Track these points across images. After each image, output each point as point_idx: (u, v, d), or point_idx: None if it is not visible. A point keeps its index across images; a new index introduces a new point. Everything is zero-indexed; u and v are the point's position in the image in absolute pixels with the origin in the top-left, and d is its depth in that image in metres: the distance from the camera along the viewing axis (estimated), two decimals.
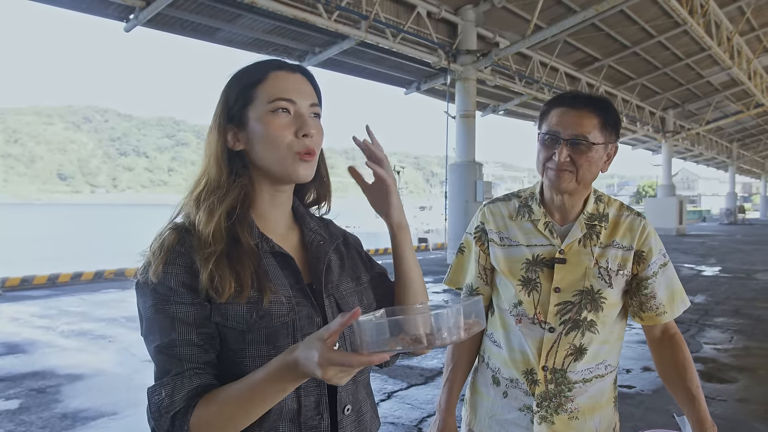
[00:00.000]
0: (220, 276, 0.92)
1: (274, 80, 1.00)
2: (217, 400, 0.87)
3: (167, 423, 0.87)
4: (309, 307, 0.99)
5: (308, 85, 1.04)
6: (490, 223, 1.59)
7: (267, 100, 0.99)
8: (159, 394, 0.88)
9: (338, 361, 0.75)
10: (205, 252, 0.94)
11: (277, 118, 0.98)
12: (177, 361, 0.90)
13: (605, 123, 1.42)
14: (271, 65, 1.03)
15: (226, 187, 0.99)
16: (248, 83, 1.01)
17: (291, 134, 0.98)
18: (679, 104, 23.35)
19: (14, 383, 4.77)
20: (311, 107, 1.02)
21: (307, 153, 0.99)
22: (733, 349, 5.87)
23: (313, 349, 0.77)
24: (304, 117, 1.00)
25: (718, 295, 9.19)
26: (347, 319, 0.75)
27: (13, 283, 10.17)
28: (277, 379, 0.83)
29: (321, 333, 0.78)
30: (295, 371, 0.80)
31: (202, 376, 0.90)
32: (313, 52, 11.57)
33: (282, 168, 0.99)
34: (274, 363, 0.84)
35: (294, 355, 0.80)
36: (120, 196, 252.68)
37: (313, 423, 0.97)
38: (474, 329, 0.80)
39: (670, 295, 1.52)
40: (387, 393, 4.47)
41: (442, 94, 14.06)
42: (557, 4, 12.07)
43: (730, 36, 15.66)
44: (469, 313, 0.81)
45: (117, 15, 9.16)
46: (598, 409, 1.49)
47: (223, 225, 0.97)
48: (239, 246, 0.97)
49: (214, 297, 0.92)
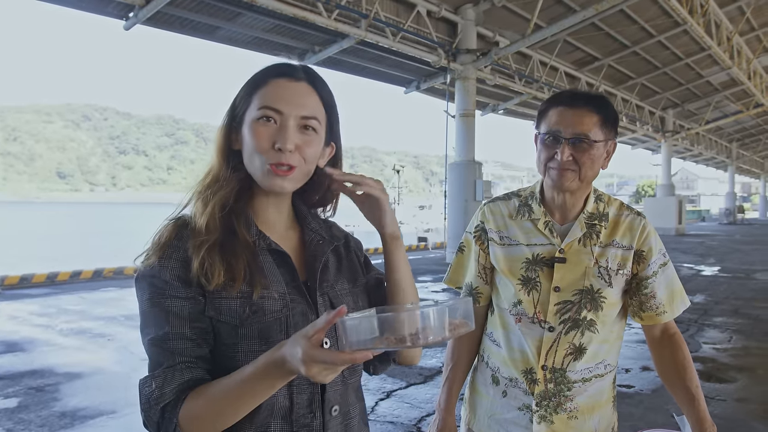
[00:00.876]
0: (210, 263, 0.93)
1: (271, 87, 0.99)
2: (206, 394, 0.88)
3: (157, 414, 0.88)
4: (303, 304, 1.00)
5: (310, 96, 1.01)
6: (490, 222, 1.59)
7: (258, 106, 0.98)
8: (150, 386, 0.89)
9: (321, 358, 0.75)
10: (197, 240, 0.95)
11: (261, 127, 0.97)
12: (169, 354, 0.91)
13: (605, 120, 1.42)
14: (275, 71, 1.01)
15: (223, 180, 1.00)
16: (252, 87, 1.00)
17: (269, 145, 0.96)
18: (679, 104, 23.36)
19: (13, 382, 4.77)
20: (303, 119, 0.99)
21: (281, 167, 0.96)
22: (732, 349, 5.88)
23: (297, 345, 0.77)
24: (287, 129, 0.96)
25: (717, 295, 9.20)
26: (332, 317, 0.75)
27: (12, 281, 10.16)
28: (265, 376, 0.83)
29: (307, 330, 0.78)
30: (282, 368, 0.81)
31: (194, 370, 0.91)
32: (312, 51, 11.57)
33: (258, 176, 0.99)
34: (262, 359, 0.84)
35: (281, 351, 0.81)
36: (119, 194, 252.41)
37: (305, 421, 0.97)
38: (460, 330, 0.79)
39: (670, 295, 1.52)
40: (386, 392, 4.47)
41: (441, 93, 14.06)
42: (557, 4, 12.07)
43: (730, 36, 15.67)
44: (456, 313, 0.80)
45: (117, 13, 9.15)
46: (597, 408, 1.49)
47: (217, 215, 0.97)
48: (235, 238, 0.97)
49: (204, 284, 0.92)
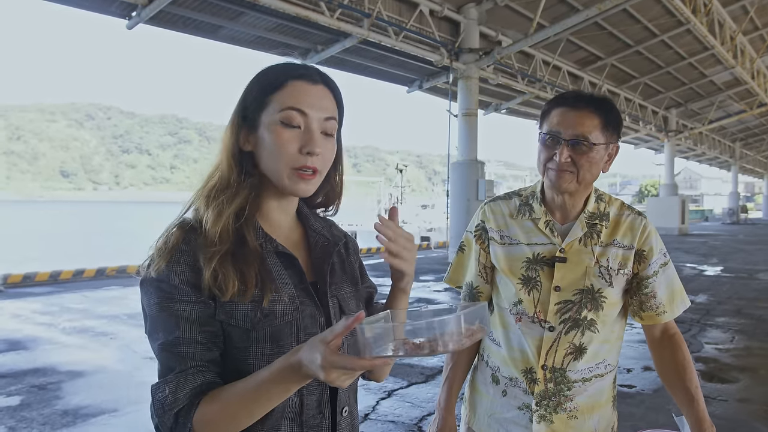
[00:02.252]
0: (224, 274, 0.92)
1: (291, 89, 0.97)
2: (220, 399, 0.87)
3: (171, 420, 0.87)
4: (312, 307, 0.99)
5: (328, 99, 1.01)
6: (490, 221, 1.59)
7: (279, 108, 0.96)
8: (163, 391, 0.88)
9: (341, 364, 0.75)
10: (210, 251, 0.93)
11: (285, 131, 0.96)
12: (181, 359, 0.90)
13: (606, 123, 1.41)
14: (293, 73, 0.99)
15: (236, 186, 0.98)
16: (267, 87, 0.98)
17: (295, 149, 0.96)
18: (682, 103, 23.29)
19: (15, 380, 4.78)
20: (325, 122, 0.99)
21: (306, 170, 0.97)
22: (735, 349, 5.87)
23: (316, 351, 0.77)
24: (313, 133, 0.96)
25: (720, 295, 9.18)
26: (351, 323, 0.75)
27: (15, 279, 10.19)
28: (280, 380, 0.83)
29: (325, 335, 0.78)
30: (298, 372, 0.81)
31: (206, 374, 0.90)
32: (315, 50, 11.56)
33: (280, 180, 0.98)
34: (277, 363, 0.84)
35: (298, 356, 0.80)
36: (122, 193, 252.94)
37: (314, 422, 0.97)
38: (477, 336, 0.79)
39: (671, 295, 1.52)
40: (387, 391, 4.47)
41: (444, 93, 14.04)
42: (560, 3, 12.04)
43: (734, 35, 15.62)
44: (473, 319, 0.80)
45: (120, 12, 9.16)
46: (597, 408, 1.49)
47: (231, 226, 0.96)
48: (245, 246, 0.96)
49: (217, 295, 0.92)
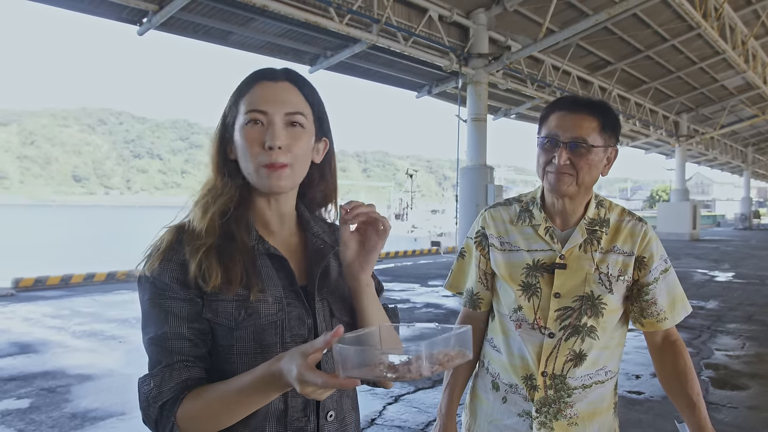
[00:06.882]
0: (208, 265, 0.95)
1: (254, 91, 1.01)
2: (204, 397, 0.90)
3: (155, 412, 0.90)
4: (300, 309, 1.01)
5: (293, 93, 1.03)
6: (490, 227, 1.59)
7: (245, 111, 1.00)
8: (148, 384, 0.92)
9: (313, 380, 0.76)
10: (195, 243, 0.97)
11: (250, 131, 0.99)
12: (168, 353, 0.93)
13: (604, 126, 1.42)
14: (258, 76, 1.03)
15: (221, 188, 1.02)
16: (237, 95, 1.03)
17: (259, 146, 0.98)
18: (693, 108, 23.13)
19: (25, 382, 4.82)
20: (288, 116, 1.01)
21: (270, 166, 0.98)
22: (745, 356, 5.81)
23: (293, 363, 0.79)
24: (273, 127, 0.99)
25: (731, 301, 9.10)
26: (330, 338, 0.77)
27: (26, 283, 10.28)
28: (262, 385, 0.86)
29: (306, 348, 0.79)
30: (279, 380, 0.83)
31: (192, 369, 0.94)
32: (324, 56, 11.61)
33: (254, 180, 1.01)
34: (260, 369, 0.86)
35: (279, 365, 0.82)
36: (134, 197, 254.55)
37: (299, 425, 0.99)
38: (456, 361, 0.78)
39: (671, 302, 1.51)
40: (394, 396, 4.46)
41: (453, 98, 14.03)
42: (569, 8, 12.02)
43: (745, 39, 15.52)
44: (453, 344, 0.78)
45: (130, 19, 9.25)
46: (598, 415, 1.48)
47: (216, 222, 0.99)
48: (232, 243, 0.99)
49: (202, 285, 0.95)
